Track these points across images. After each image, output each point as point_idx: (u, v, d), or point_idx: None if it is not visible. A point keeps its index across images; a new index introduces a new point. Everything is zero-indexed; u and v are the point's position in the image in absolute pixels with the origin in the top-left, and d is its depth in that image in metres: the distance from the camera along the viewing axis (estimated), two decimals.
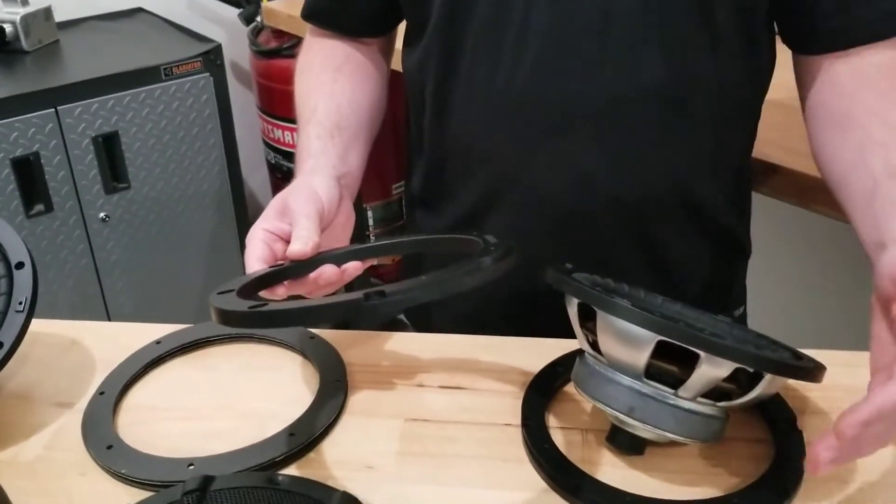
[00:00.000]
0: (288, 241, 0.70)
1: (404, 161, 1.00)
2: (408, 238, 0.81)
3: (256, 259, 0.68)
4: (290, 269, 0.68)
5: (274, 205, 0.74)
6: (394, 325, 1.07)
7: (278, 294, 0.68)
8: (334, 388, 0.74)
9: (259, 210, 0.75)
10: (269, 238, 0.71)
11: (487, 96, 0.81)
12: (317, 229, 0.70)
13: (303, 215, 0.71)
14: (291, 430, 0.69)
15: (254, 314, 0.55)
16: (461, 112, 0.85)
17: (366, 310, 0.52)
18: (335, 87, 0.88)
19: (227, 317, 0.56)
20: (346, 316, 0.54)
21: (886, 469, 0.64)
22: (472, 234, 0.69)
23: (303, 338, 0.80)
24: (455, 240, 0.72)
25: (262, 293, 0.66)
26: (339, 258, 0.70)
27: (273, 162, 2.28)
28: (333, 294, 0.69)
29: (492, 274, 0.57)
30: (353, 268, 0.68)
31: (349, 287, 0.73)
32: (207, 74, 1.87)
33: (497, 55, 0.79)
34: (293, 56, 2.14)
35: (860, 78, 0.74)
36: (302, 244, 0.68)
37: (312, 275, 0.67)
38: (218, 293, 0.62)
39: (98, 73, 1.77)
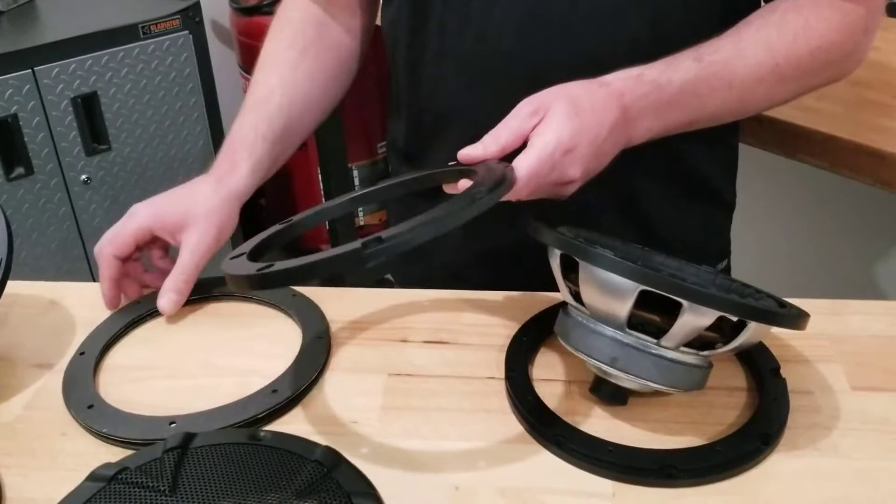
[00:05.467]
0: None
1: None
2: (404, 178, 0.77)
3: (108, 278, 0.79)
4: (298, 225, 0.71)
5: (174, 212, 0.81)
6: (379, 284, 1.06)
7: None
8: (317, 344, 0.73)
9: None
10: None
11: (458, 54, 0.80)
12: (190, 282, 0.79)
13: (187, 257, 0.79)
14: (274, 387, 0.68)
15: (260, 276, 0.55)
16: (433, 69, 0.84)
17: (365, 258, 0.51)
18: (296, 75, 0.88)
19: (236, 281, 0.57)
20: (348, 266, 0.53)
21: (870, 416, 0.64)
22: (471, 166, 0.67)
23: (285, 295, 0.80)
24: (453, 172, 0.69)
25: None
26: (339, 208, 0.73)
27: None
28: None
29: (487, 204, 0.56)
30: None
31: (335, 244, 0.73)
32: (186, 32, 1.84)
33: (467, 13, 0.78)
34: (275, 13, 2.11)
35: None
36: (167, 301, 0.78)
37: None
38: (230, 258, 0.63)
39: (75, 32, 1.74)
